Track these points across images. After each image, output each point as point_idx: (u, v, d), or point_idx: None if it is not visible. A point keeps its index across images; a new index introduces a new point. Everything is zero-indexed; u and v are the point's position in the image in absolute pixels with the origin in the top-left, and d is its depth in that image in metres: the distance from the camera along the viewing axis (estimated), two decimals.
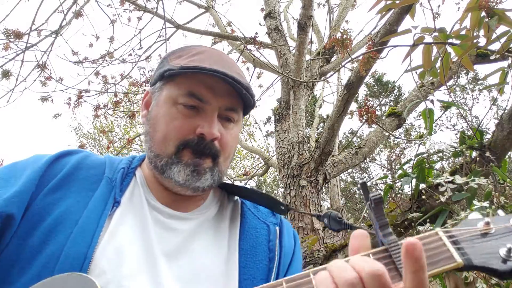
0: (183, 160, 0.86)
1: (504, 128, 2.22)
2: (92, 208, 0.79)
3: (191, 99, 0.86)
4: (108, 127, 11.80)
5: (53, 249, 0.73)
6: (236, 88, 0.87)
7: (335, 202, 5.35)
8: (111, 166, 0.90)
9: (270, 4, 4.46)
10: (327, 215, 0.95)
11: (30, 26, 3.85)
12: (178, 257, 0.84)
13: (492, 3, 1.60)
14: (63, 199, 0.80)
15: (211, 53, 0.93)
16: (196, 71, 0.85)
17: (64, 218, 0.77)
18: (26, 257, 0.73)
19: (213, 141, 0.87)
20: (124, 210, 0.84)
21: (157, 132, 0.88)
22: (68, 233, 0.75)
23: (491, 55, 2.96)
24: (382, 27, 2.52)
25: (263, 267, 0.91)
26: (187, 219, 0.90)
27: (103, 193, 0.83)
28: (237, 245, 0.91)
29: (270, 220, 1.01)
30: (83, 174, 0.86)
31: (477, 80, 14.50)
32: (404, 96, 16.37)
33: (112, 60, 5.08)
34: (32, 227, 0.76)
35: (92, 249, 0.74)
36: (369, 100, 2.51)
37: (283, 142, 3.92)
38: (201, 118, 0.87)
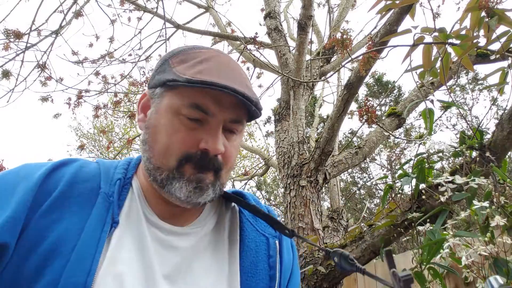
0: (185, 175, 0.81)
1: (504, 128, 2.22)
2: (89, 231, 0.74)
3: (196, 112, 0.80)
4: (108, 127, 11.80)
5: (49, 279, 0.68)
6: (246, 105, 0.81)
7: (335, 202, 5.34)
8: (107, 177, 0.84)
9: (270, 4, 4.46)
10: (338, 253, 0.87)
11: (30, 26, 3.85)
12: (179, 280, 0.81)
13: (492, 3, 1.59)
14: (58, 222, 0.74)
15: (219, 61, 0.86)
16: (204, 87, 0.78)
17: (60, 243, 0.71)
18: (22, 286, 0.69)
19: (216, 156, 0.82)
20: (123, 230, 0.79)
21: (157, 144, 0.82)
22: (65, 261, 0.70)
23: (491, 55, 2.95)
24: (382, 27, 2.52)
25: (265, 286, 0.89)
26: (186, 235, 0.87)
27: (100, 212, 0.77)
28: (237, 263, 0.88)
29: (269, 232, 0.97)
30: (78, 190, 0.79)
31: (477, 80, 14.50)
32: (404, 96, 16.37)
33: (112, 60, 5.08)
34: (27, 253, 0.70)
35: (91, 277, 0.70)
36: (369, 100, 2.51)
37: (283, 142, 3.91)
38: (205, 131, 0.81)
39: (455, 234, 1.87)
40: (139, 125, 0.90)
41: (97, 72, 5.03)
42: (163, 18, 4.63)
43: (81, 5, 4.40)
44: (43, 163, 0.83)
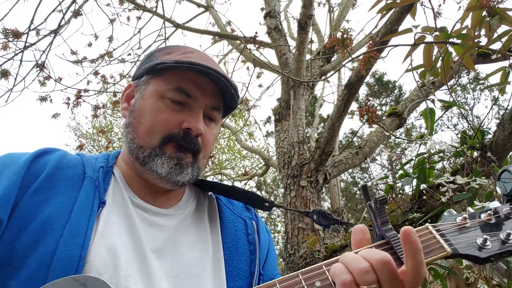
0: (167, 153, 0.87)
1: (506, 128, 2.21)
2: (79, 209, 0.79)
3: (180, 95, 0.88)
4: (107, 127, 11.80)
5: (43, 252, 0.72)
6: (226, 88, 0.90)
7: (335, 203, 5.33)
8: (90, 165, 0.90)
9: (270, 3, 4.45)
10: (316, 211, 0.99)
11: (29, 26, 3.84)
12: (166, 254, 0.85)
13: (493, 2, 1.58)
14: (48, 201, 0.79)
15: (200, 54, 0.97)
16: (192, 67, 0.87)
17: (51, 221, 0.76)
18: (14, 261, 0.72)
19: (197, 137, 0.89)
20: (110, 210, 0.84)
21: (142, 124, 0.89)
22: (58, 236, 0.74)
23: (492, 54, 2.94)
24: (383, 26, 2.51)
25: (246, 259, 0.95)
26: (170, 216, 0.92)
27: (88, 193, 0.82)
28: (220, 239, 0.95)
29: (245, 215, 1.04)
30: (64, 174, 0.85)
31: (478, 79, 14.49)
32: (404, 96, 16.37)
33: (111, 60, 5.07)
34: (19, 230, 0.74)
35: (85, 251, 0.74)
36: (369, 100, 2.50)
37: (283, 142, 3.90)
38: (188, 113, 0.89)
39: None
40: (122, 113, 0.96)
41: (96, 71, 5.02)
42: (163, 18, 4.63)
43: (80, 5, 4.39)
44: (25, 152, 0.88)
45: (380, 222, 0.70)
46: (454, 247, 0.68)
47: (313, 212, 0.99)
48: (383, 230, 0.70)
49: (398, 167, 13.54)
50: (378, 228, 0.71)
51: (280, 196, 13.82)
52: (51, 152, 0.89)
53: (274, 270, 1.04)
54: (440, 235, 0.69)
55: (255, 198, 1.04)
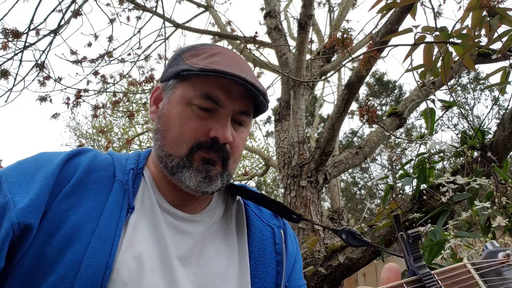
0: (195, 164, 0.86)
1: (506, 128, 2.20)
2: (107, 215, 0.79)
3: (207, 102, 0.86)
4: (107, 127, 11.78)
5: (71, 258, 0.72)
6: (254, 94, 0.87)
7: (335, 203, 5.33)
8: (120, 166, 0.88)
9: (270, 3, 4.45)
10: (345, 231, 0.96)
11: (29, 25, 3.83)
12: (193, 262, 0.85)
13: (493, 2, 1.58)
14: (78, 205, 0.78)
15: (227, 55, 0.93)
16: (217, 75, 0.84)
17: (80, 226, 0.76)
18: (44, 266, 0.72)
19: (225, 144, 0.87)
20: (138, 216, 0.83)
21: (170, 132, 0.87)
22: (87, 242, 0.74)
23: (492, 54, 2.94)
24: (383, 26, 2.51)
25: (272, 270, 0.93)
26: (198, 221, 0.91)
27: (117, 198, 0.82)
28: (246, 248, 0.93)
29: (273, 223, 1.02)
30: (95, 177, 0.84)
31: (478, 79, 14.49)
32: (405, 95, 16.36)
33: (111, 60, 5.07)
34: (49, 235, 0.74)
35: (112, 258, 0.74)
36: (369, 100, 2.50)
37: (283, 142, 3.90)
38: (215, 121, 0.86)
39: (456, 235, 1.86)
40: (151, 116, 0.95)
41: (96, 71, 5.01)
42: (163, 17, 4.62)
43: (79, 4, 4.39)
44: (58, 152, 0.87)
45: (412, 258, 0.67)
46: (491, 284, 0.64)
47: (342, 230, 0.96)
48: (415, 266, 0.66)
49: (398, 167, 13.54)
50: (410, 264, 0.67)
51: (280, 196, 13.82)
52: (83, 153, 0.88)
53: (299, 281, 1.03)
54: (479, 275, 0.65)
55: (283, 210, 1.02)
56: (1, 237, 0.71)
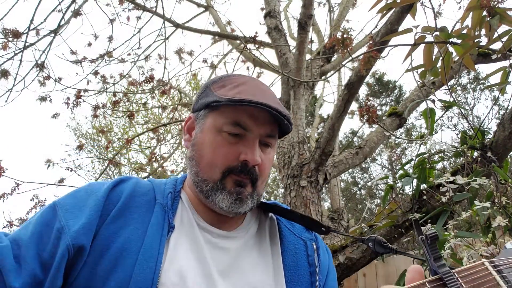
0: (227, 188, 0.93)
1: (506, 128, 2.20)
2: (151, 234, 0.86)
3: (236, 128, 0.93)
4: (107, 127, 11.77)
5: (121, 276, 0.80)
6: (278, 119, 0.94)
7: (335, 203, 5.33)
8: (159, 191, 0.97)
9: (270, 3, 4.44)
10: (372, 239, 1.01)
11: (29, 25, 3.83)
12: (231, 275, 0.91)
13: (493, 2, 1.58)
14: (124, 227, 0.87)
15: (252, 84, 1.00)
16: (244, 104, 0.91)
17: (127, 246, 0.84)
18: (97, 283, 0.80)
19: (254, 166, 0.94)
20: (178, 234, 0.91)
21: (203, 158, 0.95)
22: (134, 260, 0.82)
23: (492, 54, 2.93)
24: (383, 26, 2.50)
25: (306, 281, 0.99)
26: (234, 238, 0.98)
27: (159, 219, 0.90)
28: (281, 261, 0.99)
29: (305, 236, 1.08)
30: (137, 202, 0.93)
31: (478, 79, 14.48)
32: (405, 95, 16.36)
33: (111, 60, 5.07)
34: (100, 255, 0.82)
35: (157, 274, 0.81)
36: (369, 100, 2.50)
37: (283, 142, 3.90)
38: (244, 145, 0.94)
39: (456, 235, 1.86)
40: (185, 144, 1.04)
41: (96, 71, 5.01)
42: (163, 17, 4.63)
43: (79, 4, 4.39)
44: (105, 181, 0.97)
45: (432, 258, 0.71)
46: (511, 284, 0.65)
47: (368, 239, 1.01)
48: (436, 266, 0.70)
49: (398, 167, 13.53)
50: (431, 264, 0.71)
51: (280, 196, 13.82)
52: (126, 181, 0.98)
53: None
54: (497, 271, 0.67)
55: (312, 223, 1.08)
56: (59, 258, 0.79)
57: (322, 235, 1.08)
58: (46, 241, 0.82)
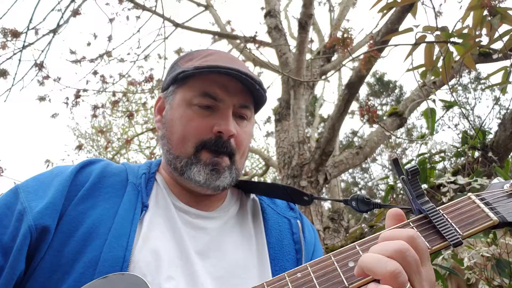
0: (202, 160, 0.88)
1: (507, 128, 2.20)
2: (122, 214, 0.82)
3: (206, 99, 0.89)
4: (106, 127, 11.77)
5: (90, 256, 0.75)
6: (249, 84, 0.90)
7: (335, 203, 5.32)
8: (132, 172, 0.93)
9: (270, 3, 4.44)
10: (355, 198, 0.97)
11: (28, 25, 3.83)
12: (211, 255, 0.86)
13: (494, 2, 1.57)
14: (93, 208, 0.82)
15: (221, 54, 0.97)
16: (211, 70, 0.88)
17: (96, 226, 0.79)
18: (64, 266, 0.75)
19: (230, 139, 0.89)
20: (153, 214, 0.86)
21: (175, 134, 0.91)
22: (103, 240, 0.77)
23: (493, 54, 2.93)
24: (383, 26, 2.50)
25: (292, 258, 0.94)
26: (213, 218, 0.93)
27: (131, 198, 0.85)
28: (264, 239, 0.94)
29: (289, 215, 1.04)
30: (108, 182, 0.88)
31: (479, 79, 14.48)
32: (405, 95, 16.35)
33: (110, 59, 5.06)
34: (67, 237, 0.78)
35: (129, 252, 0.76)
36: (370, 100, 2.49)
37: (283, 142, 3.89)
38: (217, 116, 0.89)
39: None
40: (157, 126, 0.99)
41: (95, 71, 5.01)
42: (162, 17, 4.62)
43: (79, 4, 4.38)
44: (72, 164, 0.93)
45: (415, 195, 0.67)
46: (500, 215, 0.63)
47: (351, 199, 0.97)
48: (419, 203, 0.66)
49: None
50: (413, 202, 0.67)
51: None
52: (96, 163, 0.93)
53: None
54: (485, 203, 0.65)
55: (294, 193, 1.04)
56: (20, 240, 0.75)
57: (306, 205, 1.04)
58: (7, 224, 0.77)
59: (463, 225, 0.63)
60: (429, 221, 0.64)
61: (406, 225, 0.65)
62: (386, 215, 0.67)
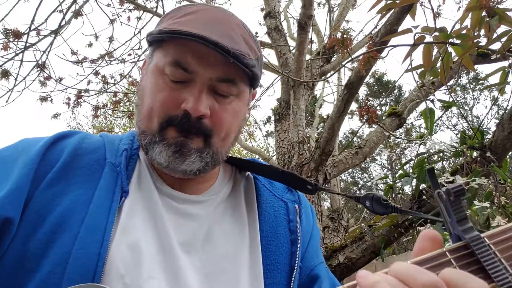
0: (166, 139, 0.75)
1: (505, 128, 2.21)
2: (98, 201, 0.69)
3: (177, 70, 0.74)
4: (108, 127, 11.78)
5: (59, 252, 0.64)
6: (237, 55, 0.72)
7: (335, 203, 5.34)
8: (112, 148, 0.79)
9: (270, 4, 4.45)
10: (369, 197, 0.84)
11: (29, 26, 3.84)
12: (198, 247, 0.76)
13: (492, 2, 1.59)
14: (64, 194, 0.70)
15: (206, 13, 0.79)
16: (172, 36, 0.73)
17: (67, 216, 0.67)
18: (29, 262, 0.64)
19: (201, 118, 0.74)
20: (134, 200, 0.74)
21: (144, 106, 0.77)
22: (75, 233, 0.65)
23: (491, 54, 2.94)
24: (383, 26, 2.51)
25: (286, 250, 0.84)
26: (202, 202, 0.81)
27: (108, 182, 0.73)
28: (257, 226, 0.83)
29: (287, 197, 0.92)
30: (83, 161, 0.75)
31: (477, 80, 14.49)
32: (404, 96, 16.36)
33: (111, 60, 5.07)
34: (33, 228, 0.66)
35: (105, 248, 0.65)
36: (369, 100, 2.51)
37: (283, 142, 3.90)
38: (188, 91, 0.74)
39: None
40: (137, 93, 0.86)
41: (97, 71, 5.02)
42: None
43: (80, 5, 4.40)
44: (42, 136, 0.78)
45: (455, 219, 0.52)
46: None
47: (365, 197, 0.84)
48: (460, 230, 0.51)
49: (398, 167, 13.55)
50: (452, 226, 0.52)
51: None
52: (69, 136, 0.79)
53: (314, 260, 0.90)
54: None
55: (295, 180, 0.90)
56: None
57: (310, 193, 0.90)
58: None
59: None
60: (472, 252, 0.49)
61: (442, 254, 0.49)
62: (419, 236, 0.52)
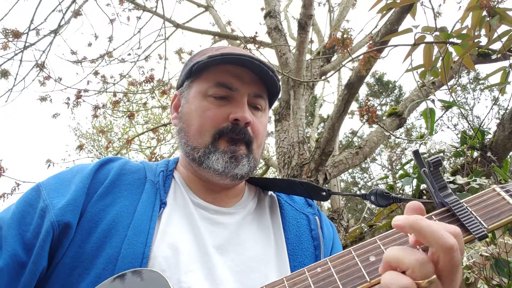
0: (220, 148, 0.90)
1: (506, 128, 2.20)
2: (141, 211, 0.83)
3: (221, 89, 0.91)
4: (107, 127, 11.78)
5: (110, 252, 0.76)
6: (263, 72, 0.92)
7: (335, 203, 5.33)
8: (150, 170, 0.94)
9: (270, 3, 4.45)
10: (373, 192, 0.95)
11: (29, 25, 3.83)
12: (229, 250, 0.86)
13: (493, 2, 1.58)
14: (113, 205, 0.83)
15: (233, 47, 1.00)
16: (225, 58, 0.90)
17: (116, 223, 0.80)
18: (84, 262, 0.76)
19: (246, 126, 0.91)
20: (171, 210, 0.87)
21: (192, 126, 0.92)
22: (123, 236, 0.78)
23: (492, 54, 2.94)
24: (383, 26, 2.51)
25: (310, 254, 0.94)
26: (231, 214, 0.94)
27: (149, 195, 0.87)
28: (283, 235, 0.95)
29: (308, 211, 1.04)
30: (127, 179, 0.89)
31: (478, 79, 14.48)
32: (405, 95, 16.36)
33: (111, 60, 5.07)
34: (87, 233, 0.79)
35: (148, 248, 0.77)
36: (369, 100, 2.50)
37: (283, 142, 3.90)
38: (232, 105, 0.91)
39: None
40: (174, 122, 1.01)
41: (96, 71, 5.02)
42: (163, 17, 4.62)
43: (80, 5, 4.39)
44: (92, 163, 0.94)
45: (437, 187, 0.64)
46: None
47: (370, 194, 0.95)
48: (442, 196, 0.63)
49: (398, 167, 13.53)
50: (436, 194, 0.65)
51: None
52: (114, 160, 0.95)
53: None
54: (510, 195, 0.62)
55: (312, 188, 1.03)
56: (43, 236, 0.76)
57: (324, 200, 1.03)
58: (29, 221, 0.78)
59: (488, 218, 0.61)
60: (453, 214, 0.63)
61: (429, 218, 0.63)
62: (405, 208, 0.64)
